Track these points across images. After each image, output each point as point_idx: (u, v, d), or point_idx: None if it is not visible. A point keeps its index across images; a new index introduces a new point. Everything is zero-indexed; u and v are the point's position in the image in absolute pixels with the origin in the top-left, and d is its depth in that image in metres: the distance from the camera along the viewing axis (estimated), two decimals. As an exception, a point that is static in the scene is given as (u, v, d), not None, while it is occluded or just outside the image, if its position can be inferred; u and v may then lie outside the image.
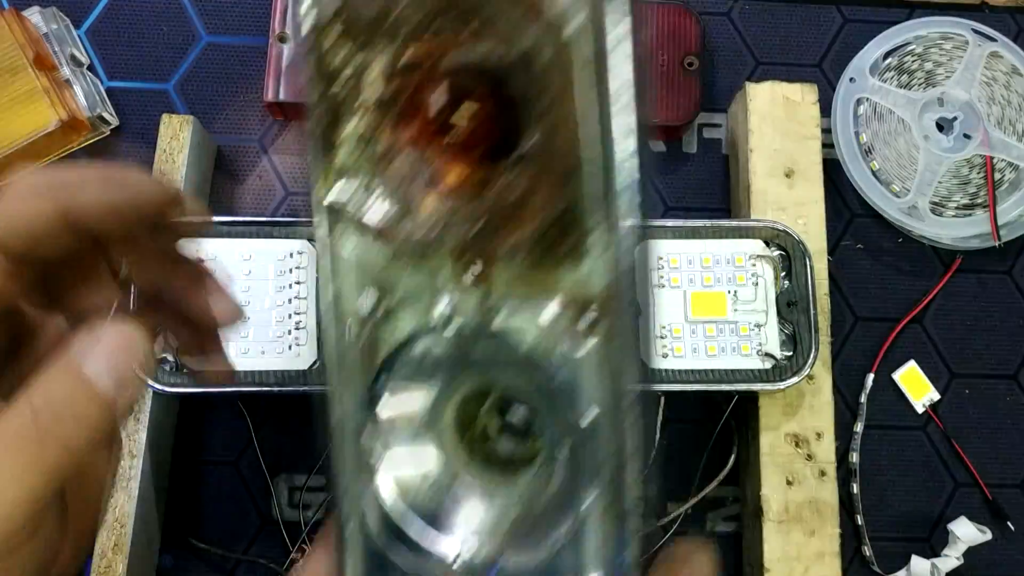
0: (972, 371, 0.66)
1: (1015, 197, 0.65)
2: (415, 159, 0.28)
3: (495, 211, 0.27)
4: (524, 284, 0.27)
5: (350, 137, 0.28)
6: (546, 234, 0.26)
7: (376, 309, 0.29)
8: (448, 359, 0.30)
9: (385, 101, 0.28)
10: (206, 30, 0.69)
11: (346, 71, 0.28)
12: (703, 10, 0.70)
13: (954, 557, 0.60)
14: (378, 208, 0.28)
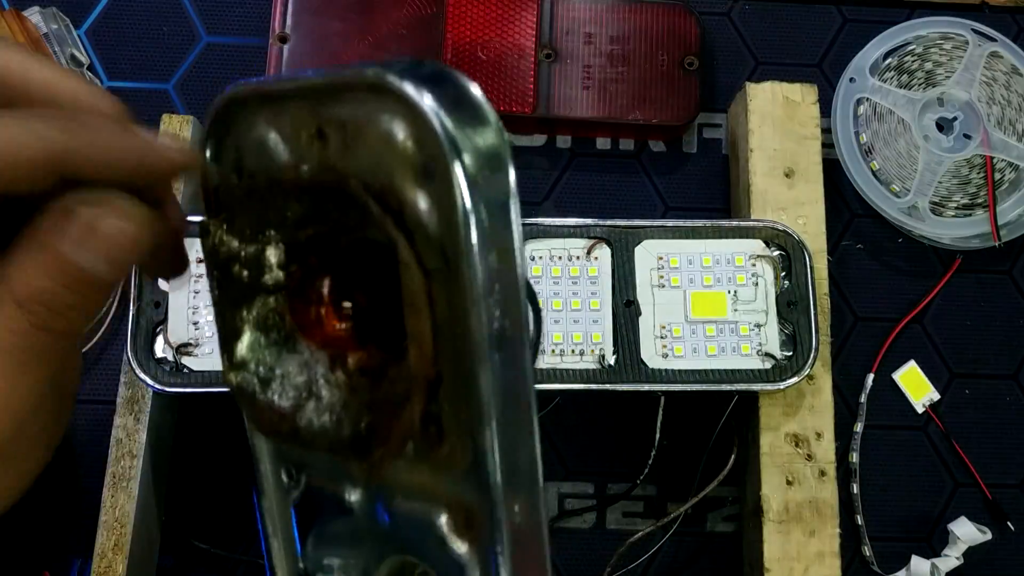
0: (972, 371, 0.66)
1: (1015, 197, 0.65)
2: (310, 347, 0.27)
3: (383, 405, 0.26)
4: (418, 483, 0.26)
5: (256, 320, 0.28)
6: (423, 434, 0.24)
7: (290, 483, 0.29)
8: (361, 539, 0.29)
9: (289, 284, 0.27)
10: (206, 30, 0.69)
11: (242, 257, 0.27)
12: (703, 10, 0.70)
13: (954, 557, 0.60)
14: (278, 394, 0.28)
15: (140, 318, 0.54)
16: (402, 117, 0.22)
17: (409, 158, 0.22)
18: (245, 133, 0.25)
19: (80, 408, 0.62)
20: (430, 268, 0.23)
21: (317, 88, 0.24)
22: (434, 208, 0.22)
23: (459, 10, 0.66)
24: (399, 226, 0.23)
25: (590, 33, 0.67)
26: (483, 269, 0.22)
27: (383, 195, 0.23)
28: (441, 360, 0.23)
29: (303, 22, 0.65)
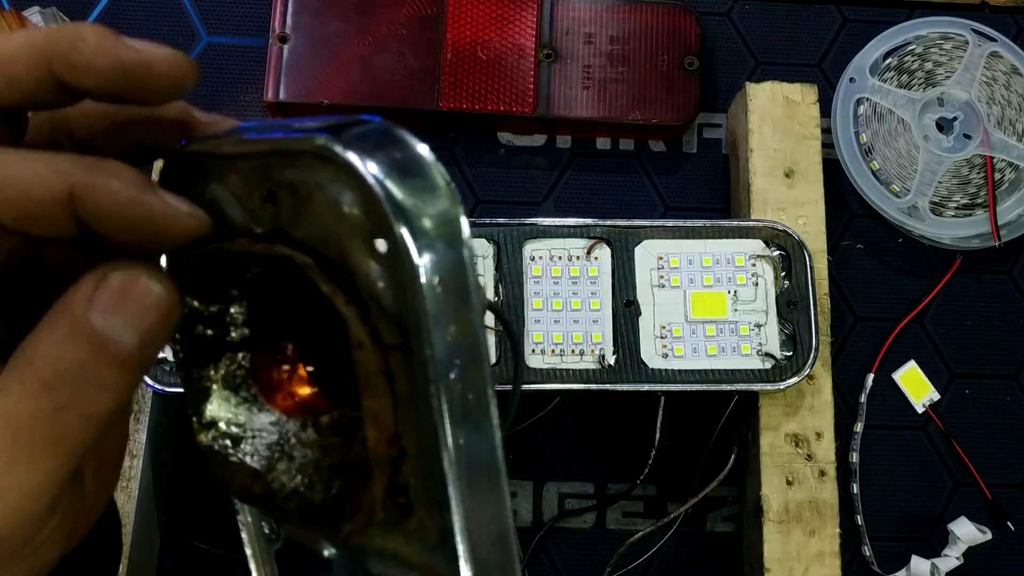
0: (972, 371, 0.66)
1: (1015, 197, 0.65)
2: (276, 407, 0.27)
3: (353, 468, 0.25)
4: (392, 550, 0.25)
5: (224, 378, 0.27)
6: (393, 504, 0.24)
7: (271, 535, 0.29)
8: None
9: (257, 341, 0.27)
10: (206, 30, 0.69)
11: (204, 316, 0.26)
12: (703, 10, 0.70)
13: (954, 557, 0.60)
14: (248, 455, 0.27)
15: (140, 318, 0.54)
16: (348, 186, 0.21)
17: (358, 228, 0.21)
18: (199, 192, 0.24)
19: (80, 408, 0.62)
20: (387, 344, 0.21)
21: (265, 152, 0.22)
22: (387, 281, 0.21)
23: (459, 10, 0.66)
24: (352, 300, 0.22)
25: (590, 33, 0.67)
26: (442, 344, 0.21)
27: (334, 265, 0.22)
28: (405, 434, 0.22)
29: (303, 22, 0.65)
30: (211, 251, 0.24)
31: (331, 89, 0.64)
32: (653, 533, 0.58)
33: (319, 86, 0.64)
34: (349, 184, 0.20)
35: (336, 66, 0.65)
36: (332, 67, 0.65)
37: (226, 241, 0.24)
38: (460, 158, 0.68)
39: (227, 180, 0.24)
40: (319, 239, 0.22)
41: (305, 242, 0.22)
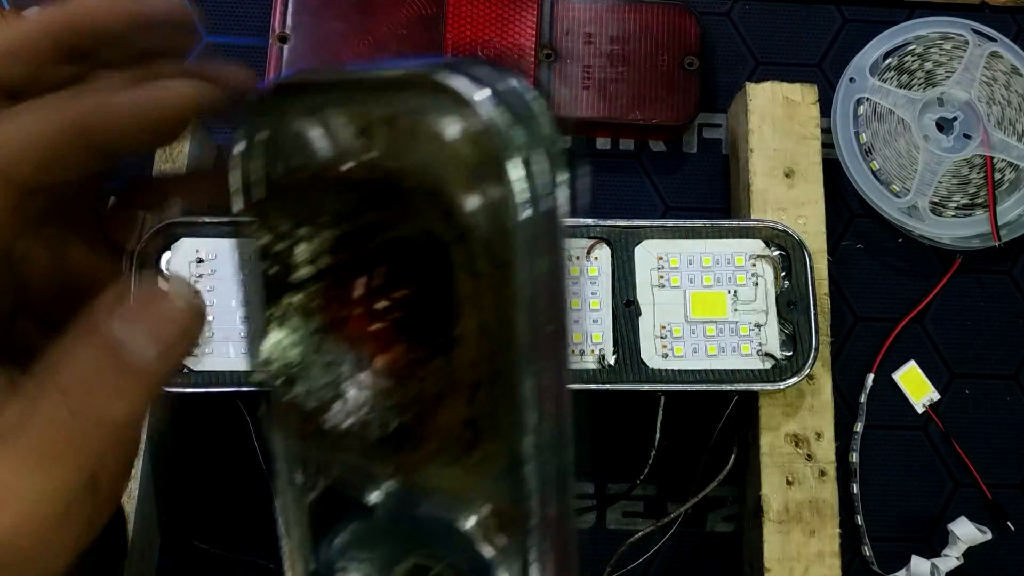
0: (972, 371, 0.66)
1: (1015, 197, 0.65)
2: (339, 345, 0.27)
3: (413, 406, 0.26)
4: (449, 486, 0.26)
5: (281, 317, 0.27)
6: (457, 437, 0.24)
7: (307, 484, 0.29)
8: (379, 539, 0.29)
9: (317, 282, 0.27)
10: (206, 30, 0.69)
11: (272, 252, 0.27)
12: (703, 10, 0.70)
13: (954, 557, 0.60)
14: (304, 394, 0.27)
15: (140, 318, 0.54)
16: (458, 116, 0.22)
17: (462, 159, 0.22)
18: (286, 126, 0.25)
19: (80, 408, 0.62)
20: (480, 272, 0.22)
21: (367, 83, 0.24)
22: (486, 211, 0.22)
23: (459, 10, 0.66)
24: (451, 227, 0.23)
25: (590, 33, 0.67)
26: (531, 276, 0.22)
27: (433, 195, 0.23)
28: (483, 364, 0.23)
29: (303, 22, 0.65)
30: (297, 180, 0.25)
31: (331, 89, 0.64)
32: (653, 533, 0.58)
33: (319, 86, 0.64)
34: (458, 114, 0.21)
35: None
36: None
37: (315, 169, 0.25)
38: (460, 158, 0.68)
39: (319, 115, 0.24)
40: (417, 171, 0.23)
41: (402, 172, 0.23)
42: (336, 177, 0.25)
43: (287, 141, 0.26)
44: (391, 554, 0.29)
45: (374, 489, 0.28)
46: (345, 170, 0.25)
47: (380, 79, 0.23)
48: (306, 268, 0.27)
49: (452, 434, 0.24)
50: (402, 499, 0.28)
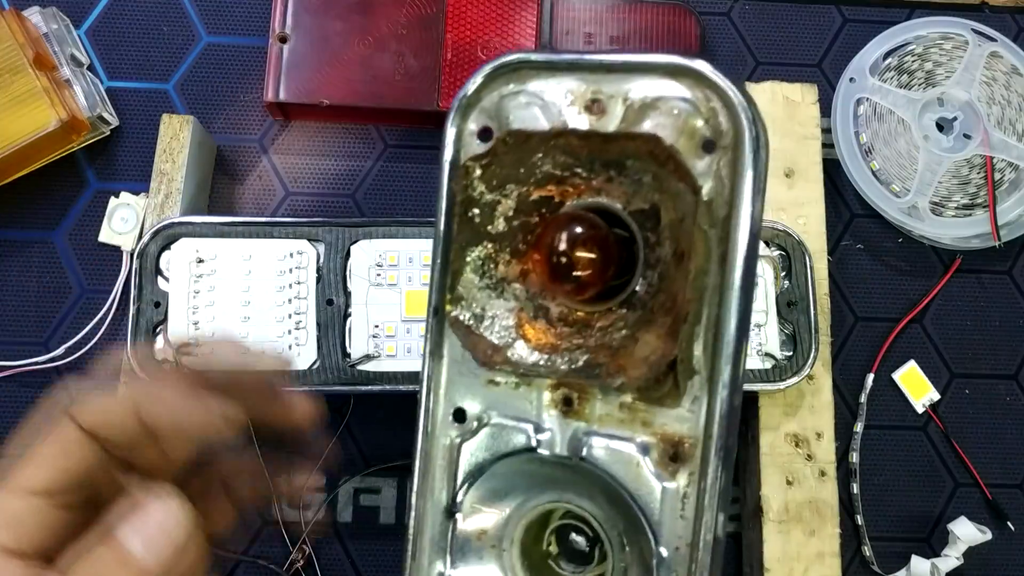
0: (972, 371, 0.66)
1: (1015, 197, 0.65)
2: (528, 291, 0.31)
3: (598, 348, 0.29)
4: (617, 419, 0.29)
5: (474, 262, 0.31)
6: (647, 376, 0.27)
7: (466, 424, 0.31)
8: (529, 481, 0.31)
9: (509, 235, 0.31)
10: (206, 30, 0.69)
11: (481, 203, 0.30)
12: (703, 10, 0.70)
13: (954, 557, 0.60)
14: (489, 332, 0.30)
15: (140, 318, 0.54)
16: (703, 97, 0.26)
17: (696, 133, 0.26)
18: (517, 93, 0.29)
19: (80, 408, 0.62)
20: (703, 225, 0.26)
21: (607, 65, 0.28)
22: (715, 175, 0.26)
23: (459, 10, 0.66)
24: (670, 188, 0.27)
25: (590, 33, 0.67)
26: (751, 230, 0.26)
27: (660, 160, 0.27)
28: (691, 304, 0.27)
29: (303, 22, 0.65)
30: (519, 143, 0.29)
31: (331, 89, 0.64)
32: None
33: (319, 86, 0.64)
34: (703, 94, 0.26)
35: (336, 66, 0.65)
36: (332, 67, 0.65)
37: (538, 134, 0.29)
38: (460, 158, 0.68)
39: (554, 87, 0.29)
40: (649, 141, 0.27)
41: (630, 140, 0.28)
42: (558, 141, 0.29)
43: (515, 107, 0.29)
44: (527, 498, 0.31)
45: (530, 428, 0.30)
46: (570, 135, 0.28)
47: (620, 63, 0.28)
48: (501, 222, 0.30)
49: (647, 367, 0.27)
50: (562, 436, 0.30)
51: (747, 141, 0.26)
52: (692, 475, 0.27)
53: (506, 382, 0.30)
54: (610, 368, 0.28)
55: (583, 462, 0.29)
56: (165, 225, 0.55)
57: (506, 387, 0.30)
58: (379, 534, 0.61)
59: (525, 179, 0.30)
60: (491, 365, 0.30)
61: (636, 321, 0.28)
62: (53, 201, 0.65)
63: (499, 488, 0.31)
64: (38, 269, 0.64)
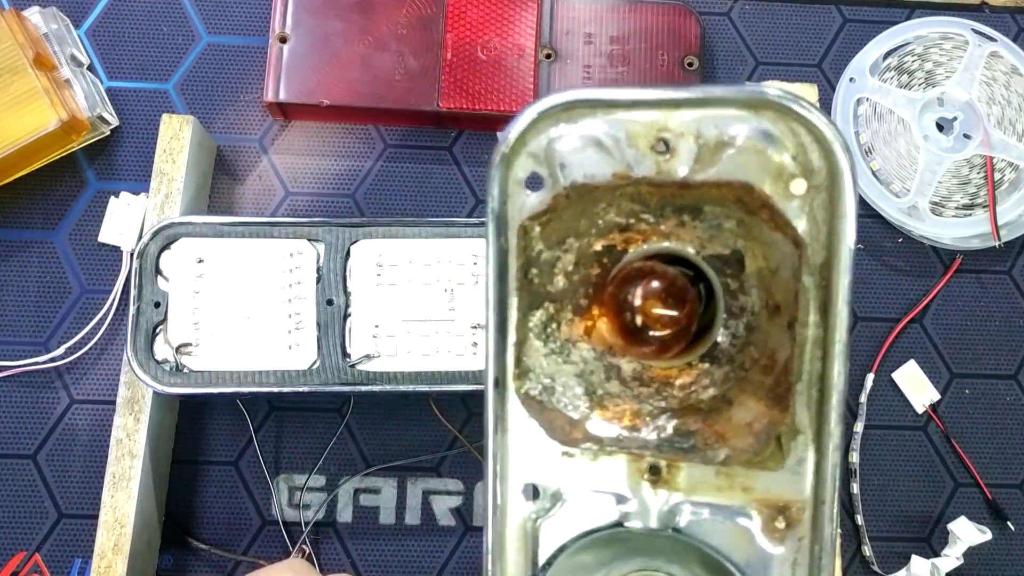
0: (972, 371, 0.66)
1: (1015, 197, 0.65)
2: (595, 351, 0.28)
3: (684, 411, 0.26)
4: (713, 487, 0.26)
5: (536, 327, 0.28)
6: (756, 446, 0.25)
7: (541, 501, 0.28)
8: (615, 553, 0.29)
9: (569, 292, 0.27)
10: (206, 30, 0.69)
11: (540, 262, 0.27)
12: (703, 10, 0.70)
13: (954, 557, 0.60)
14: (561, 404, 0.28)
15: (140, 318, 0.54)
16: (788, 132, 0.24)
17: (783, 170, 0.24)
18: (570, 135, 0.26)
19: (80, 408, 0.62)
20: (800, 278, 0.24)
21: (675, 101, 0.25)
22: (809, 218, 0.24)
23: (459, 10, 0.66)
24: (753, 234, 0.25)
25: (590, 33, 0.67)
26: (849, 281, 0.24)
27: (756, 209, 0.24)
28: (798, 367, 0.24)
29: (303, 22, 0.65)
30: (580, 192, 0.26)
31: (331, 89, 0.64)
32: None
33: (319, 86, 0.64)
34: (800, 131, 0.24)
35: (336, 66, 0.65)
36: (332, 67, 0.65)
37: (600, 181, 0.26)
38: (460, 158, 0.68)
39: (609, 126, 0.25)
40: (727, 183, 0.25)
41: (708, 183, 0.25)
42: (625, 190, 0.26)
43: (570, 149, 0.26)
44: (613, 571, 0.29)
45: (621, 498, 0.27)
46: (639, 183, 0.25)
47: (691, 99, 0.25)
48: (561, 279, 0.27)
49: (753, 437, 0.25)
50: (655, 506, 0.27)
51: (846, 179, 0.23)
52: (802, 540, 0.25)
53: (583, 453, 0.28)
54: (707, 438, 0.26)
55: (679, 534, 0.27)
56: (165, 225, 0.55)
57: (583, 458, 0.28)
58: (379, 534, 0.61)
59: (587, 231, 0.27)
60: (573, 442, 0.27)
61: (724, 378, 0.26)
62: (53, 201, 0.65)
63: (581, 567, 0.29)
64: (38, 269, 0.64)
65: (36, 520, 0.60)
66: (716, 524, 0.26)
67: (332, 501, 0.61)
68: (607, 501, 0.27)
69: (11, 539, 0.60)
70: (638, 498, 0.27)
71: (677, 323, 0.25)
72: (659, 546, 0.28)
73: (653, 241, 0.26)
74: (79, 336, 0.61)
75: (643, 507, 0.27)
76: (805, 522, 0.25)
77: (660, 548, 0.28)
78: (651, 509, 0.27)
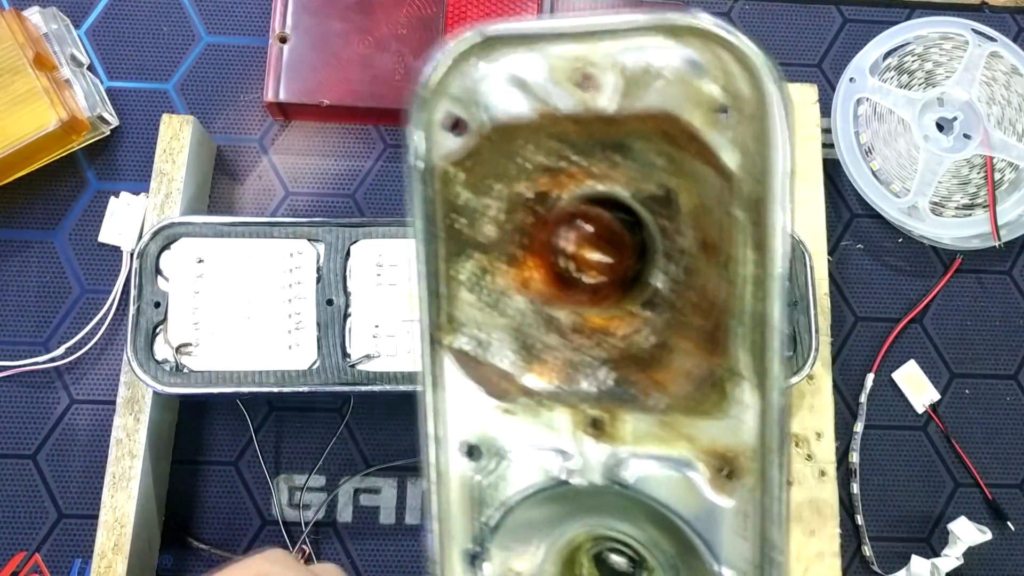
0: (972, 371, 0.66)
1: (1015, 197, 0.65)
2: (532, 302, 0.26)
3: (625, 361, 0.25)
4: (656, 437, 0.25)
5: (467, 279, 0.26)
6: (694, 392, 0.24)
7: (483, 461, 0.27)
8: (561, 512, 0.28)
9: (501, 241, 0.26)
10: (206, 30, 0.69)
11: (465, 210, 0.26)
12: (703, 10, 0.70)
13: (954, 557, 0.60)
14: (496, 357, 0.26)
15: (140, 318, 0.54)
16: (715, 60, 0.22)
17: (710, 102, 0.22)
18: (491, 75, 0.24)
19: (80, 408, 0.62)
20: (731, 213, 0.23)
21: (595, 31, 0.23)
22: (741, 151, 0.22)
23: (459, 10, 0.66)
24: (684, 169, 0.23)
25: (590, 33, 0.67)
26: (787, 209, 0.22)
27: (672, 138, 0.23)
28: (735, 305, 0.23)
29: (303, 22, 0.65)
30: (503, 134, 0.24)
31: (331, 89, 0.64)
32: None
33: (319, 86, 0.64)
34: (727, 57, 0.22)
35: (336, 66, 0.65)
36: (332, 67, 0.65)
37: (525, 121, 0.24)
38: (460, 158, 0.68)
39: (529, 62, 0.24)
40: (652, 115, 0.23)
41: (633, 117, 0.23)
42: (549, 128, 0.24)
43: (492, 89, 0.25)
44: (558, 530, 0.28)
45: (561, 456, 0.26)
46: (563, 121, 0.24)
47: (609, 27, 0.23)
48: (494, 226, 0.26)
49: (691, 382, 0.24)
50: (597, 462, 0.26)
51: (775, 107, 0.22)
52: (752, 491, 0.24)
53: (522, 409, 0.27)
54: (645, 386, 0.25)
55: (624, 489, 0.26)
56: (165, 225, 0.55)
57: (523, 414, 0.27)
58: (379, 534, 0.61)
59: (513, 175, 0.25)
60: (506, 397, 0.26)
61: (665, 325, 0.25)
62: (53, 201, 0.65)
63: (528, 525, 0.28)
64: (38, 269, 0.64)
65: (36, 520, 0.60)
66: (661, 477, 0.25)
67: (332, 501, 0.61)
68: (551, 458, 0.27)
69: (11, 539, 0.60)
70: (581, 453, 0.26)
71: (610, 268, 0.24)
72: (608, 504, 0.27)
73: (586, 185, 0.25)
74: (79, 336, 0.61)
75: (586, 463, 0.26)
76: (753, 472, 0.24)
77: (609, 506, 0.27)
78: (594, 464, 0.26)
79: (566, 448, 0.26)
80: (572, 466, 0.26)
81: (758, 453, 0.24)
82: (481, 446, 0.27)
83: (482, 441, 0.27)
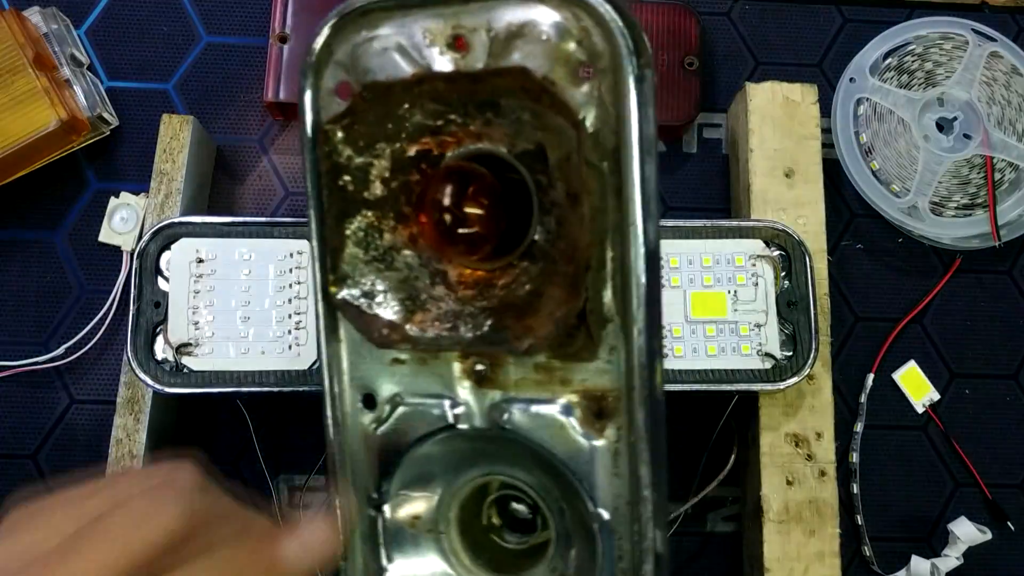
0: (972, 371, 0.66)
1: (1015, 197, 0.65)
2: (420, 256, 0.28)
3: (503, 309, 0.26)
4: (534, 382, 0.26)
5: (355, 235, 0.28)
6: (555, 333, 0.25)
7: (378, 409, 0.29)
8: (456, 458, 0.29)
9: (389, 199, 0.27)
10: (206, 30, 0.69)
11: (351, 168, 0.27)
12: (703, 10, 0.70)
13: (954, 557, 0.60)
14: (382, 308, 0.28)
15: (140, 318, 0.54)
16: (571, 18, 0.23)
17: (570, 56, 0.24)
18: (371, 40, 0.26)
19: (80, 408, 0.62)
20: (592, 161, 0.24)
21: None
22: (597, 103, 0.24)
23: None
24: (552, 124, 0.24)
25: (590, 33, 0.67)
26: (645, 156, 0.23)
27: (534, 94, 0.24)
28: (592, 248, 0.24)
29: (303, 22, 0.65)
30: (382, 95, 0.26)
31: (331, 89, 0.64)
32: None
33: (319, 86, 0.64)
34: (572, 15, 0.23)
35: None
36: None
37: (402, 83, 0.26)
38: (460, 158, 0.68)
39: (405, 28, 0.26)
40: (516, 72, 0.24)
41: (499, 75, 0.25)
42: (423, 88, 0.26)
43: (370, 56, 0.26)
44: (457, 477, 0.29)
45: (447, 403, 0.28)
46: (434, 79, 0.25)
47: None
48: (378, 185, 0.27)
49: (553, 324, 0.25)
50: (489, 411, 0.28)
51: (626, 59, 0.23)
52: (620, 430, 0.25)
53: (412, 359, 0.28)
54: (516, 331, 0.26)
55: (506, 432, 0.27)
56: (165, 225, 0.55)
57: (412, 364, 0.28)
58: (379, 534, 0.61)
59: (396, 135, 0.27)
60: (389, 344, 0.28)
61: (539, 274, 0.26)
62: (53, 201, 0.65)
63: (425, 470, 0.29)
64: (38, 269, 0.64)
65: (36, 520, 0.60)
66: (538, 419, 0.27)
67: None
68: (440, 405, 0.28)
69: (11, 539, 0.59)
70: (466, 399, 0.28)
71: (482, 220, 0.26)
72: (499, 451, 0.28)
73: (466, 144, 0.26)
74: (79, 336, 0.61)
75: (470, 408, 0.28)
76: (621, 411, 0.25)
77: (500, 453, 0.29)
78: (479, 409, 0.28)
79: (453, 395, 0.28)
80: (459, 411, 0.28)
81: (624, 392, 0.25)
82: (376, 395, 0.29)
83: (377, 391, 0.29)
